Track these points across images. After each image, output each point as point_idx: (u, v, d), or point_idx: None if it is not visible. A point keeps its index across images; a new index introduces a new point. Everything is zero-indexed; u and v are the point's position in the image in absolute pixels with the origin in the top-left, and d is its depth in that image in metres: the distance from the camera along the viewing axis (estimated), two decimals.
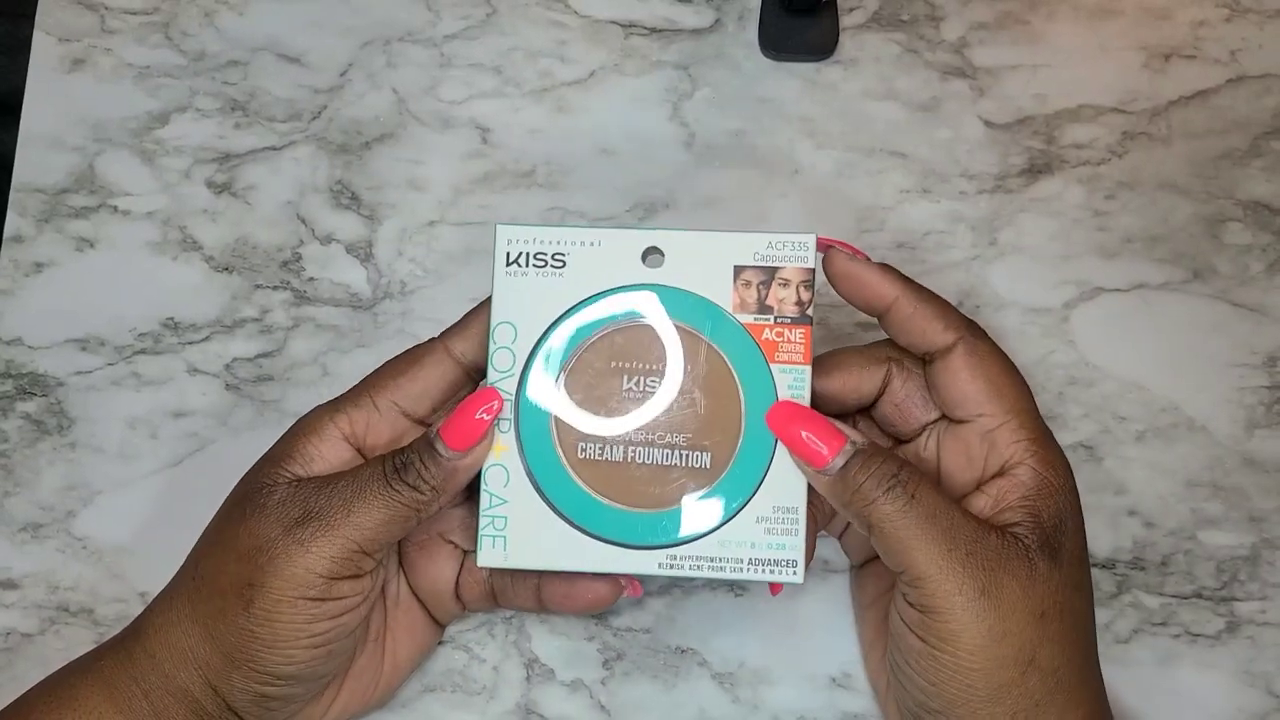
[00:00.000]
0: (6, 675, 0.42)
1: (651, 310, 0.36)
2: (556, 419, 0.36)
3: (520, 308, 0.36)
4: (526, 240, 0.36)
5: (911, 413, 0.37)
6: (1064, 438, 0.43)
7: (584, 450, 0.36)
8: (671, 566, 0.35)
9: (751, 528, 0.35)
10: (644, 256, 0.36)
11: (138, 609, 0.42)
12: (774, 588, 0.39)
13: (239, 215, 0.46)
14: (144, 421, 0.44)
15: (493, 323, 0.36)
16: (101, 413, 0.44)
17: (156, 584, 0.42)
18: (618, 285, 0.36)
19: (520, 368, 0.36)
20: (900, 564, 0.33)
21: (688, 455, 0.36)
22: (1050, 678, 0.33)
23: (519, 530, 0.36)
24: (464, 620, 0.42)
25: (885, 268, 0.36)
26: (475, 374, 0.37)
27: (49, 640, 0.42)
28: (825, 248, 0.37)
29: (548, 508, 0.36)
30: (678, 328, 0.36)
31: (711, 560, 0.35)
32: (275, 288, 0.46)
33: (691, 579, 0.40)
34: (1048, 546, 0.33)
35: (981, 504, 0.35)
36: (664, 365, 0.36)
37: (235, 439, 0.44)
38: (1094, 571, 0.42)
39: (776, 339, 0.36)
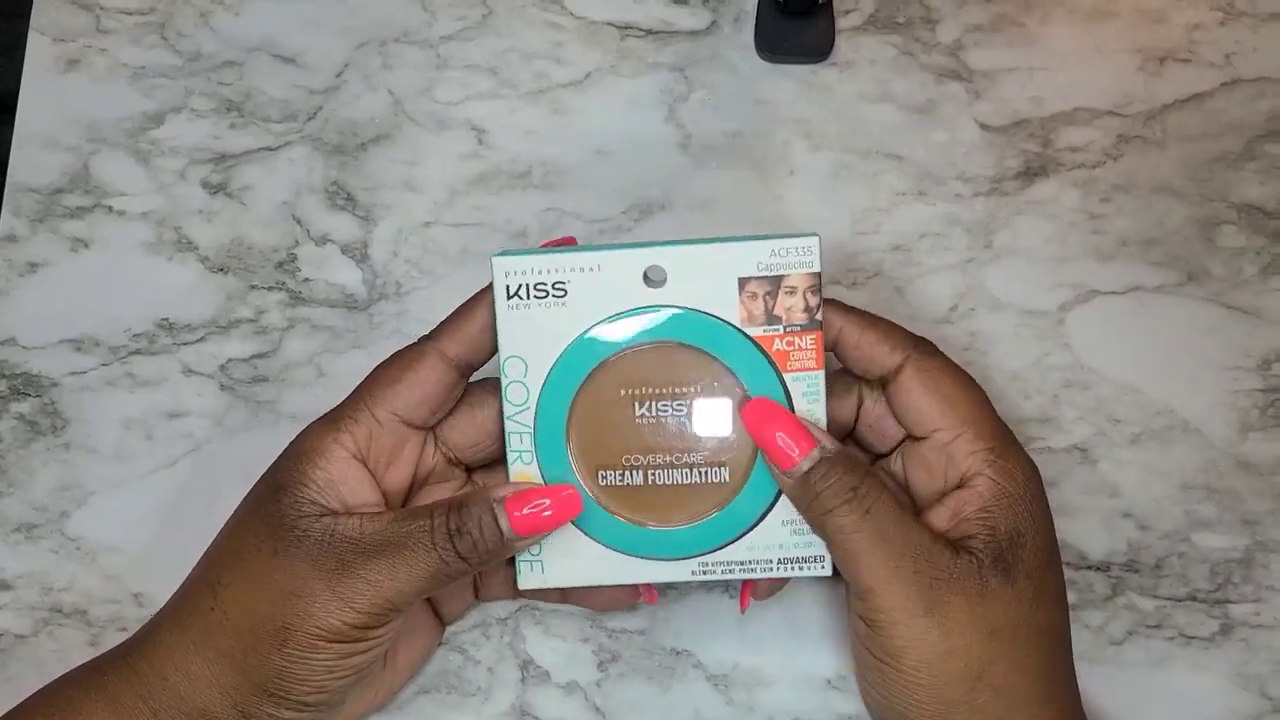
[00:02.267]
0: (1, 676, 0.42)
1: (657, 333, 0.36)
2: (573, 450, 0.36)
3: (527, 340, 0.36)
4: (525, 271, 0.35)
5: (885, 432, 0.37)
6: (1059, 440, 0.43)
7: (604, 478, 0.36)
8: (705, 573, 0.36)
9: (778, 530, 0.36)
10: (645, 275, 0.36)
11: (132, 610, 0.42)
12: (742, 603, 0.39)
13: (234, 216, 0.46)
14: (138, 422, 0.44)
15: (501, 356, 0.36)
16: (96, 413, 0.44)
17: (150, 585, 0.42)
18: (621, 311, 0.36)
19: (535, 401, 0.36)
20: (850, 576, 0.34)
21: (706, 472, 0.36)
22: (1004, 694, 0.33)
23: (554, 553, 0.36)
24: (459, 621, 0.42)
25: (826, 302, 0.36)
26: (468, 373, 0.37)
27: (42, 642, 0.42)
28: None
29: (578, 531, 0.36)
30: (685, 347, 0.36)
31: (742, 564, 0.36)
32: (270, 288, 0.46)
33: (726, 582, 0.40)
34: (1001, 561, 0.33)
35: (941, 517, 0.35)
36: (673, 389, 0.36)
37: (230, 440, 0.44)
38: (1089, 574, 0.42)
39: (788, 348, 0.35)
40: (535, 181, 0.47)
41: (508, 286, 0.36)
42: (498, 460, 0.38)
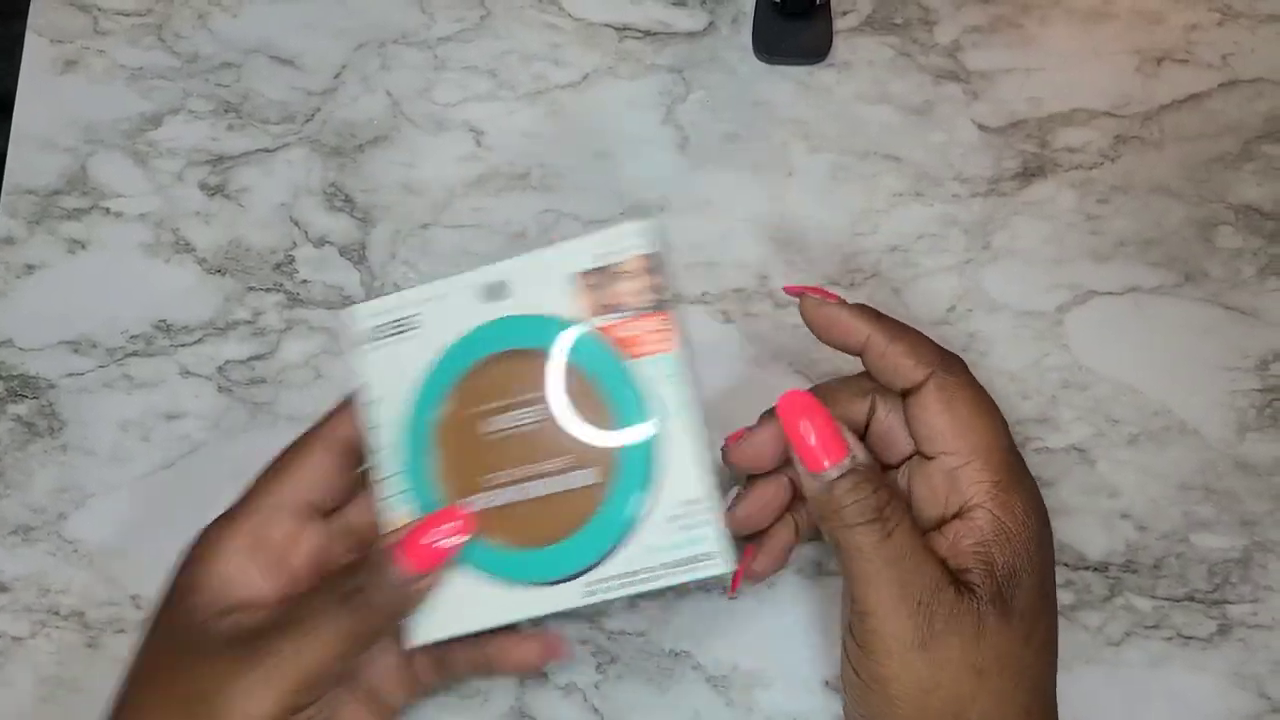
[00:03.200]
0: None
1: (501, 345, 0.35)
2: (442, 479, 0.35)
3: (384, 381, 0.36)
4: (378, 312, 0.36)
5: (894, 445, 0.37)
6: (1057, 440, 0.43)
7: (473, 503, 0.35)
8: (595, 594, 0.34)
9: (664, 528, 0.34)
10: (489, 291, 0.35)
11: (130, 612, 0.42)
12: (733, 585, 0.39)
13: (232, 217, 0.46)
14: (136, 424, 0.44)
15: (366, 401, 0.36)
16: (93, 415, 0.44)
17: (148, 587, 0.42)
18: (466, 331, 0.35)
19: (397, 437, 0.36)
20: (855, 595, 0.33)
21: (572, 476, 0.34)
22: None
23: (438, 599, 0.35)
24: None
25: (859, 308, 0.36)
26: (359, 459, 0.36)
27: (40, 643, 0.42)
28: (797, 294, 0.37)
29: (459, 567, 0.35)
30: (530, 353, 0.35)
31: (632, 575, 0.34)
32: (268, 290, 0.46)
33: (621, 598, 0.37)
34: (999, 599, 0.33)
35: (938, 545, 0.34)
36: (520, 397, 0.35)
37: (228, 441, 0.44)
38: (1087, 574, 0.42)
39: (634, 333, 0.34)
40: (533, 183, 0.47)
41: (365, 329, 0.36)
42: None
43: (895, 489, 0.34)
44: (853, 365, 0.44)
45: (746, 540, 0.39)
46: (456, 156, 0.47)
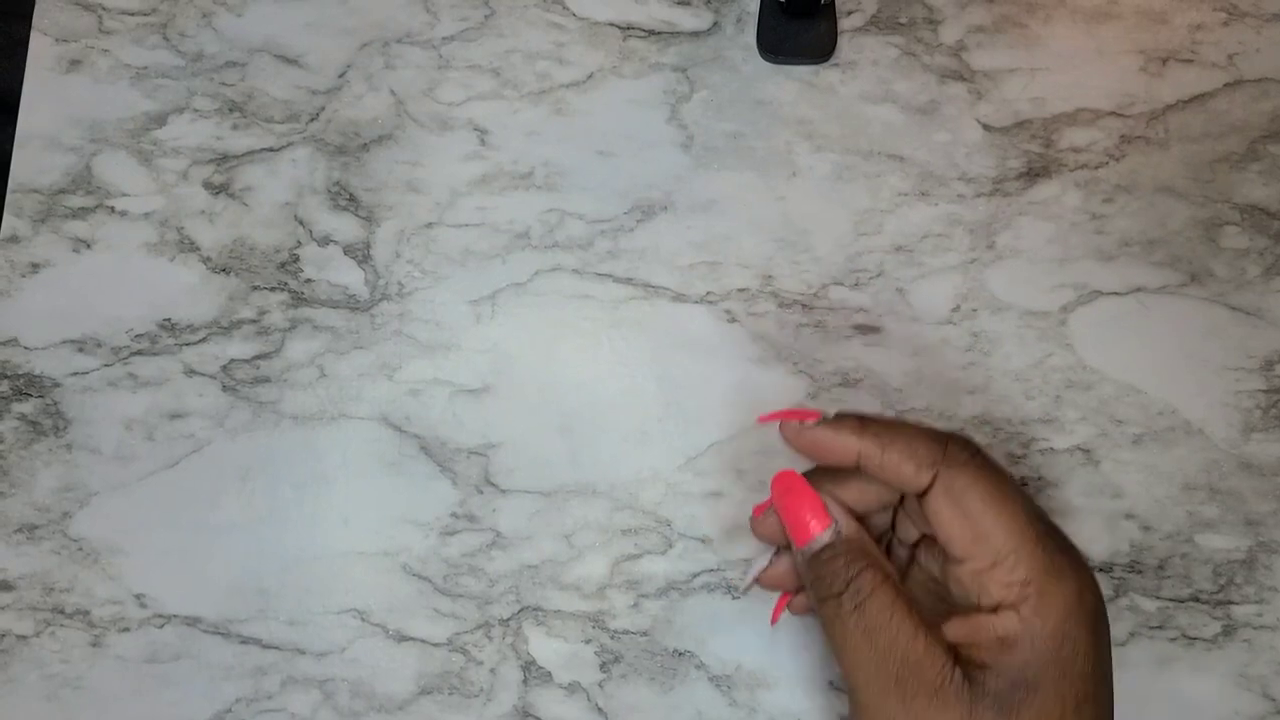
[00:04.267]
0: (2, 677, 0.42)
1: None
2: None
3: None
4: None
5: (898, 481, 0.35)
6: (1061, 441, 0.43)
7: None
8: None
9: None
10: None
11: (134, 611, 0.42)
12: (774, 616, 0.39)
13: (236, 216, 0.46)
14: (140, 423, 0.44)
15: None
16: (98, 414, 0.44)
17: (152, 586, 0.43)
18: None
19: None
20: (840, 668, 0.33)
21: None
22: None
23: None
24: (461, 623, 0.42)
25: (842, 422, 0.34)
26: None
27: (44, 642, 0.42)
28: (773, 421, 0.36)
29: None
30: None
31: None
32: (273, 289, 0.46)
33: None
34: (1000, 700, 0.31)
35: (959, 630, 0.33)
36: None
37: (232, 440, 0.44)
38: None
39: None
40: (537, 182, 0.47)
41: None
42: None
43: (876, 560, 0.33)
44: (853, 365, 0.44)
45: None
46: (460, 155, 0.47)
